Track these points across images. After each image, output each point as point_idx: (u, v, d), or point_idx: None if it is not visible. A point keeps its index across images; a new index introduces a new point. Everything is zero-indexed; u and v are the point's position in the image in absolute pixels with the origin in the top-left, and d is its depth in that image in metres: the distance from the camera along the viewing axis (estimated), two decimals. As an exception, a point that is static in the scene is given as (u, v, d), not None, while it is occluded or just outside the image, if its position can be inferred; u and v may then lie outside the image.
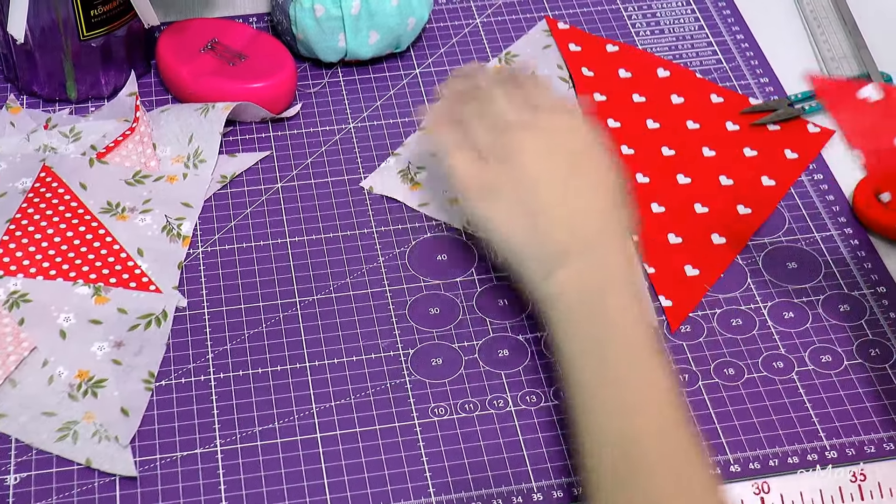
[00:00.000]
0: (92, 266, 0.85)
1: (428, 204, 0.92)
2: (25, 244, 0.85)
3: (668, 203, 0.92)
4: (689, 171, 0.94)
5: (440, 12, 1.08)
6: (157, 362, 0.81)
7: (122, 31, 0.97)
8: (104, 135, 0.95)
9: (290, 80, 0.97)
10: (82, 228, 0.87)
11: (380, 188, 0.93)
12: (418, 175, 0.93)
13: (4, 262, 0.84)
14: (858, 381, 0.81)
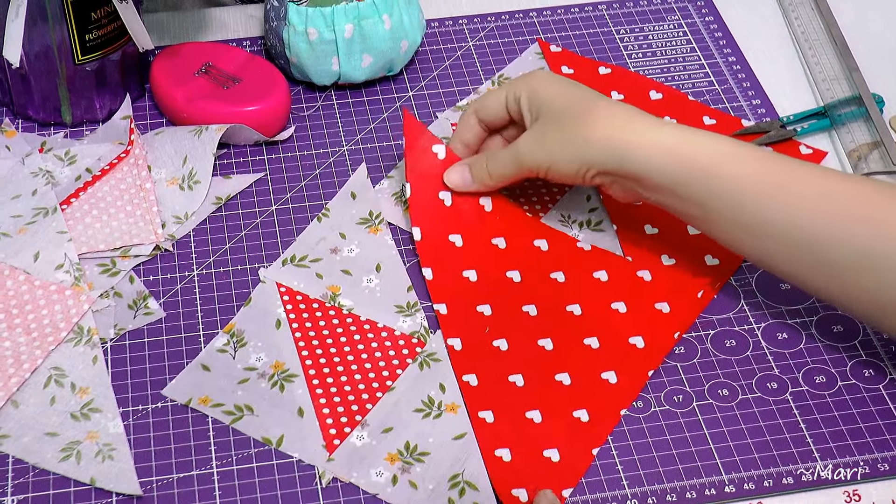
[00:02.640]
0: None
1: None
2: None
3: (661, 225, 0.92)
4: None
5: (433, 35, 1.08)
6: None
7: (116, 55, 0.97)
8: (99, 158, 0.95)
9: (283, 103, 0.98)
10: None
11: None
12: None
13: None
14: (852, 402, 0.82)
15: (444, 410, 0.80)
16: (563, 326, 0.85)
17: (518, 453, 0.78)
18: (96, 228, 0.90)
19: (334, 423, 0.79)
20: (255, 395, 0.81)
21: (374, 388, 0.81)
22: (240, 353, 0.83)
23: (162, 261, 0.90)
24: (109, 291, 0.87)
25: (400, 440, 0.78)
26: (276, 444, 0.78)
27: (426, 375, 0.82)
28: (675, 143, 0.81)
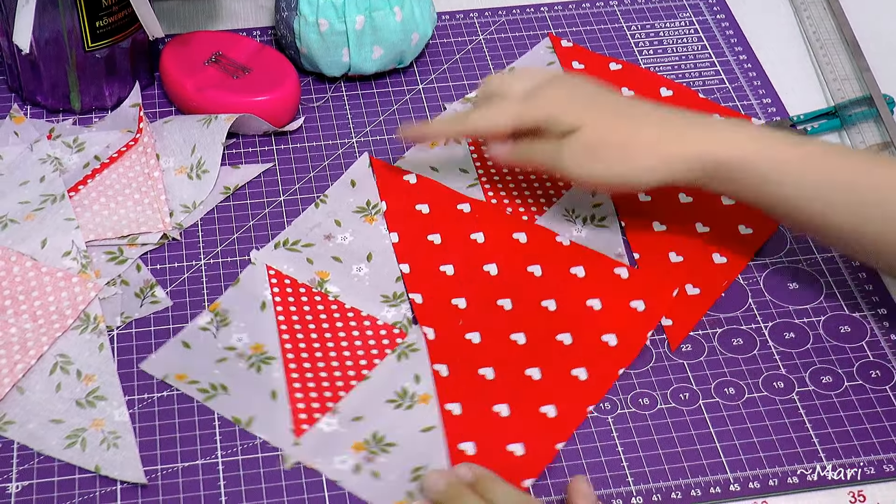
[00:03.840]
0: None
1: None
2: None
3: (669, 222, 0.92)
4: (691, 190, 0.94)
5: (443, 28, 1.08)
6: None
7: (126, 42, 0.97)
8: (107, 145, 0.95)
9: (293, 94, 0.97)
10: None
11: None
12: (411, 182, 0.93)
13: None
14: (859, 403, 0.81)
15: (416, 402, 0.79)
16: (536, 321, 0.84)
17: (482, 447, 0.78)
18: (104, 216, 0.90)
19: (306, 407, 0.79)
20: (232, 375, 0.81)
21: (349, 376, 0.81)
22: (222, 333, 0.83)
23: (169, 249, 0.90)
24: (116, 279, 0.87)
25: (368, 430, 0.78)
26: (245, 424, 0.78)
27: (403, 366, 0.81)
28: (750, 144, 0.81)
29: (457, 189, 0.93)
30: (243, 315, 0.84)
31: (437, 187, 0.93)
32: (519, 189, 0.93)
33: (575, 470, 0.77)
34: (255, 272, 0.87)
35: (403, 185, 0.93)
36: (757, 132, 0.82)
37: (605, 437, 0.79)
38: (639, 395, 0.82)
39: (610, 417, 0.80)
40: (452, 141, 0.96)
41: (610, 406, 0.81)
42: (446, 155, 0.96)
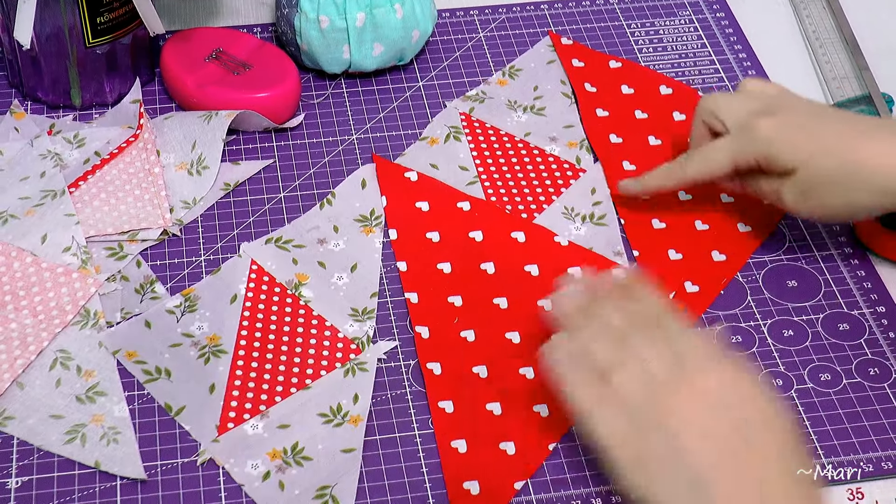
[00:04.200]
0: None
1: None
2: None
3: (668, 220, 0.92)
4: (690, 188, 0.94)
5: (444, 25, 1.08)
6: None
7: (127, 38, 0.97)
8: (108, 141, 0.95)
9: (293, 91, 0.98)
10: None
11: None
12: (412, 179, 0.94)
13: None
14: (857, 400, 0.82)
15: (346, 421, 0.79)
16: (531, 320, 0.84)
17: (474, 445, 0.78)
18: (104, 212, 0.90)
19: (238, 406, 0.79)
20: (179, 362, 0.81)
21: (291, 383, 0.80)
22: (185, 318, 0.83)
23: (169, 245, 0.90)
24: (116, 275, 0.87)
25: (290, 439, 0.77)
26: (174, 412, 0.79)
27: (347, 383, 0.81)
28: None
29: (457, 186, 0.93)
30: (212, 304, 0.85)
31: (437, 185, 0.93)
32: (518, 187, 0.94)
33: (572, 467, 0.78)
34: (237, 264, 0.87)
35: (404, 182, 0.93)
36: None
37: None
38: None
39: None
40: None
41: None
42: (446, 152, 0.96)
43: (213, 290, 0.85)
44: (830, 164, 0.82)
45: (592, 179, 0.94)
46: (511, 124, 0.99)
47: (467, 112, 0.99)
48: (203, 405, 0.79)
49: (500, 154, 0.96)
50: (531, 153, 0.96)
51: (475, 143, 0.97)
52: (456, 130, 0.98)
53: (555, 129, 0.99)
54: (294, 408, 0.79)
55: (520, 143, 0.97)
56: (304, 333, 0.83)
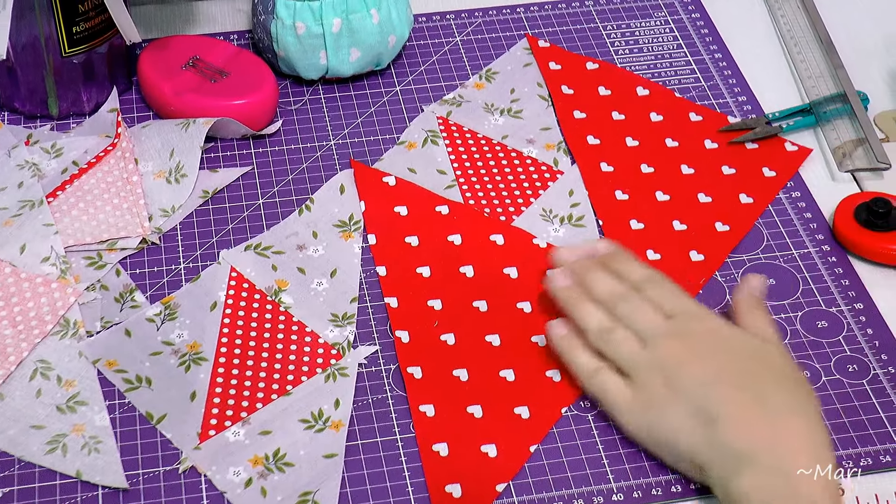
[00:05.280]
0: None
1: None
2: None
3: (646, 220, 0.92)
4: (668, 188, 0.94)
5: (420, 30, 1.09)
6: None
7: (103, 47, 0.97)
8: (86, 150, 0.95)
9: (271, 97, 0.98)
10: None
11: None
12: (390, 184, 0.94)
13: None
14: (836, 397, 0.82)
15: (327, 426, 0.78)
16: (511, 323, 0.84)
17: (455, 448, 0.78)
18: (83, 221, 0.90)
19: (219, 413, 0.79)
20: (160, 370, 0.81)
21: (272, 389, 0.80)
22: (165, 326, 0.83)
23: (149, 254, 0.90)
24: (96, 284, 0.87)
25: (272, 445, 0.77)
26: (155, 421, 0.79)
27: (328, 388, 0.81)
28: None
29: (435, 190, 0.93)
30: (192, 312, 0.85)
31: (415, 189, 0.93)
32: (496, 190, 0.94)
33: (554, 469, 0.78)
34: (217, 271, 0.87)
35: (382, 187, 0.93)
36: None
37: (585, 435, 0.79)
38: (618, 393, 0.82)
39: (590, 415, 0.81)
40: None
41: (590, 403, 0.81)
42: (424, 156, 0.96)
43: (193, 298, 0.85)
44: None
45: (570, 181, 0.95)
46: (488, 127, 0.99)
47: (444, 116, 1.00)
48: (184, 413, 0.79)
49: (478, 157, 0.96)
50: (509, 156, 0.97)
51: (453, 147, 0.97)
52: (433, 134, 0.98)
53: (532, 131, 0.99)
54: (275, 414, 0.79)
55: (497, 146, 0.97)
56: (284, 339, 0.83)
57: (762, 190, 0.95)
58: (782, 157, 0.98)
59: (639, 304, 0.77)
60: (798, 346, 0.85)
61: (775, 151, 0.98)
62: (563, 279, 0.81)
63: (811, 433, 0.71)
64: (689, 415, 0.72)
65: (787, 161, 0.97)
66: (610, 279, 0.80)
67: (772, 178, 0.96)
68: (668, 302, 0.78)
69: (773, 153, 0.98)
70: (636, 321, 0.76)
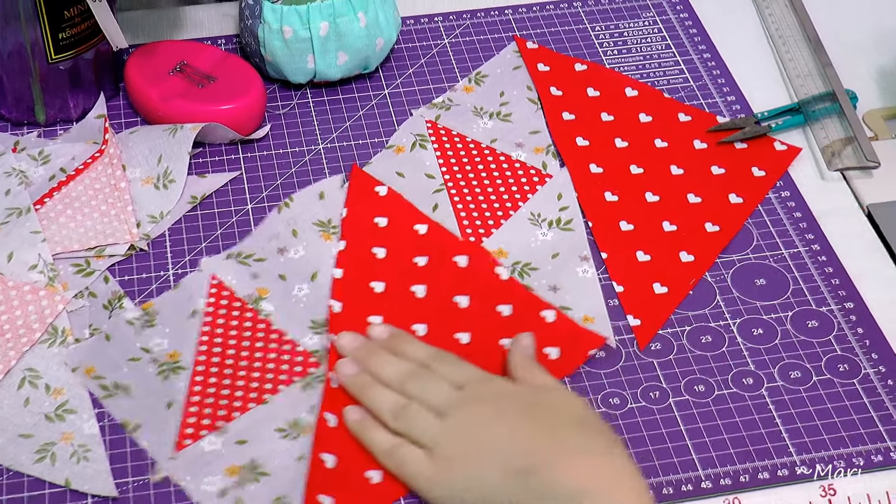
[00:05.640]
0: None
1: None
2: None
3: (636, 221, 0.92)
4: (657, 189, 0.94)
5: (408, 33, 1.08)
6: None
7: (90, 53, 0.97)
8: (73, 157, 0.95)
9: (258, 102, 0.97)
10: None
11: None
12: (380, 193, 0.93)
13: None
14: (827, 397, 0.82)
15: (302, 434, 0.78)
16: (442, 348, 0.82)
17: (343, 462, 0.76)
18: (70, 228, 0.90)
19: (195, 423, 0.78)
20: (138, 378, 0.81)
21: (249, 398, 0.80)
22: (145, 332, 0.83)
23: (137, 260, 0.89)
24: (84, 291, 0.86)
25: (248, 455, 0.77)
26: (130, 429, 0.78)
27: (305, 396, 0.80)
28: None
29: (423, 195, 0.93)
30: (171, 320, 0.84)
31: (402, 204, 0.92)
32: (485, 194, 0.93)
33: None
34: (197, 279, 0.87)
35: (372, 196, 0.92)
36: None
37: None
38: (609, 395, 0.82)
39: (581, 418, 0.80)
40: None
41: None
42: (413, 161, 0.96)
43: (173, 306, 0.85)
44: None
45: (559, 185, 0.95)
46: (477, 131, 0.99)
47: (433, 120, 0.99)
48: (160, 422, 0.79)
49: (467, 161, 0.96)
50: (497, 160, 0.96)
51: (441, 151, 0.97)
52: (422, 138, 0.98)
53: (521, 135, 0.99)
54: (251, 423, 0.79)
55: (486, 150, 0.97)
56: (263, 348, 0.83)
57: (752, 190, 0.95)
58: (771, 157, 0.97)
59: (428, 380, 0.78)
60: (788, 346, 0.85)
61: (764, 151, 0.98)
62: (350, 367, 0.80)
63: (621, 458, 0.72)
64: (502, 472, 0.72)
65: (776, 160, 0.97)
66: (395, 360, 0.80)
67: (761, 177, 0.96)
68: (456, 374, 0.78)
69: (763, 152, 0.98)
70: (428, 396, 0.76)
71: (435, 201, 0.93)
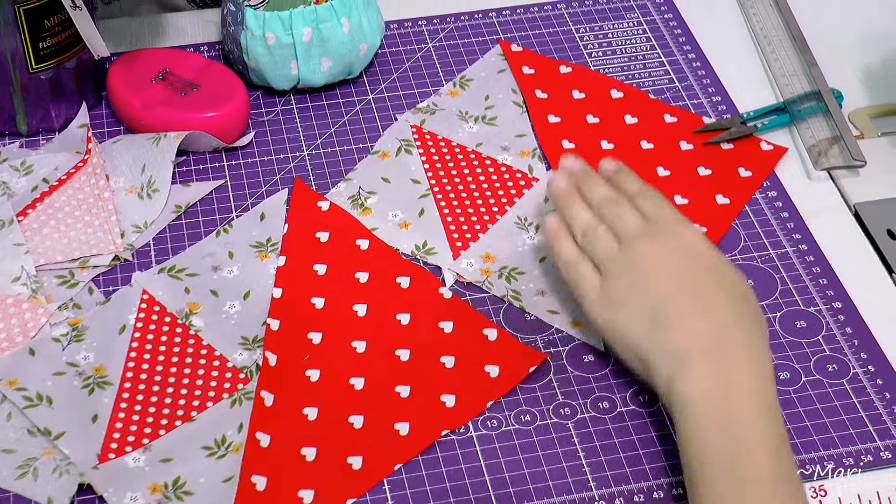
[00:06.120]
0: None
1: (378, 228, 0.91)
2: None
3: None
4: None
5: (392, 37, 1.08)
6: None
7: (71, 62, 0.96)
8: (56, 167, 0.94)
9: (242, 109, 0.97)
10: None
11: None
12: (368, 200, 0.93)
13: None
14: (817, 397, 0.82)
15: (229, 451, 0.77)
16: (382, 369, 0.82)
17: (273, 486, 0.75)
18: (54, 239, 0.89)
19: (120, 438, 0.77)
20: (62, 391, 0.80)
21: (176, 415, 0.79)
22: (71, 348, 0.82)
23: (122, 271, 0.89)
24: (68, 303, 0.86)
25: (172, 473, 0.76)
26: (54, 437, 0.77)
27: (233, 413, 0.79)
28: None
29: (409, 200, 0.93)
30: (99, 334, 0.83)
31: (344, 218, 0.91)
32: (471, 198, 0.93)
33: (536, 478, 0.77)
34: (128, 294, 0.86)
35: (313, 211, 0.91)
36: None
37: (565, 443, 0.79)
38: (598, 399, 0.82)
39: (570, 422, 0.80)
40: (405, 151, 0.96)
41: (570, 411, 0.81)
42: (398, 166, 0.96)
43: (102, 321, 0.84)
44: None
45: (545, 188, 0.94)
46: (462, 135, 0.98)
47: (418, 124, 0.99)
48: (85, 433, 0.78)
49: (452, 166, 0.96)
50: (483, 164, 0.96)
51: (427, 156, 0.96)
52: (407, 143, 0.97)
53: (507, 138, 0.98)
54: (178, 441, 0.78)
55: (472, 154, 0.97)
56: (192, 364, 0.82)
57: (739, 190, 0.94)
58: (758, 157, 0.97)
59: (624, 208, 0.82)
60: (777, 347, 0.84)
61: (751, 151, 0.98)
62: (562, 181, 0.85)
63: (749, 344, 0.74)
64: (642, 314, 0.77)
65: (762, 160, 0.97)
66: (605, 187, 0.84)
67: (748, 177, 0.95)
68: (653, 210, 0.82)
69: (749, 153, 0.97)
70: (618, 222, 0.81)
71: (421, 206, 0.93)
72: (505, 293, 0.87)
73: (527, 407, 0.81)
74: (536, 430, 0.80)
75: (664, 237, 0.80)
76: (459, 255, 0.90)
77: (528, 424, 0.80)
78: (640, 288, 0.78)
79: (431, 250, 0.90)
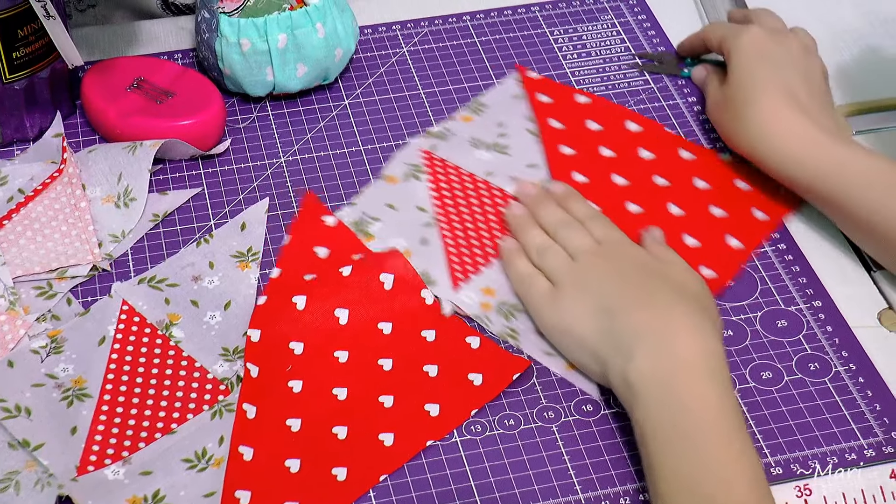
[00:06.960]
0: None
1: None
2: None
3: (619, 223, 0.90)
4: (638, 200, 0.92)
5: (366, 42, 1.08)
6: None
7: (45, 72, 0.96)
8: (31, 177, 0.93)
9: (218, 116, 0.96)
10: None
11: None
12: (371, 227, 0.92)
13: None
14: (799, 396, 0.82)
15: (210, 465, 0.77)
16: (365, 378, 0.81)
17: (258, 499, 0.74)
18: (31, 250, 0.88)
19: (99, 451, 0.77)
20: (41, 402, 0.79)
21: (156, 428, 0.78)
22: (50, 360, 0.82)
23: (100, 281, 0.88)
24: (47, 314, 0.85)
25: (152, 486, 0.75)
26: (32, 448, 0.76)
27: (214, 425, 0.79)
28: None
29: (412, 227, 0.91)
30: (78, 346, 0.83)
31: (347, 236, 0.90)
32: (476, 230, 0.91)
33: (521, 482, 0.77)
34: (108, 305, 0.85)
35: (318, 224, 0.90)
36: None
37: (550, 447, 0.79)
38: (582, 402, 0.82)
39: (554, 426, 0.80)
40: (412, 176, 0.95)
41: (554, 414, 0.81)
42: (404, 192, 0.94)
43: (81, 332, 0.83)
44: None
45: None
46: (473, 163, 0.96)
47: (429, 150, 0.97)
48: (63, 445, 0.77)
49: (461, 195, 0.93)
50: (491, 194, 0.94)
51: (435, 183, 0.94)
52: (416, 169, 0.95)
53: (517, 168, 0.96)
54: (158, 454, 0.77)
55: (481, 184, 0.94)
56: (172, 376, 0.81)
57: (752, 234, 0.92)
58: (775, 198, 0.94)
59: (576, 230, 0.87)
60: (759, 347, 0.85)
61: (768, 191, 0.95)
62: (520, 209, 0.91)
63: (690, 323, 0.77)
64: (592, 314, 0.80)
65: (779, 202, 0.94)
66: (559, 211, 0.89)
67: (764, 221, 0.93)
68: (601, 232, 0.87)
69: (766, 193, 0.95)
70: (570, 242, 0.86)
71: (423, 235, 0.91)
72: (503, 330, 0.86)
73: (511, 411, 0.81)
74: (521, 434, 0.80)
75: (614, 255, 0.85)
76: (459, 287, 0.88)
77: (513, 429, 0.80)
78: (590, 292, 0.82)
79: (432, 280, 0.88)
